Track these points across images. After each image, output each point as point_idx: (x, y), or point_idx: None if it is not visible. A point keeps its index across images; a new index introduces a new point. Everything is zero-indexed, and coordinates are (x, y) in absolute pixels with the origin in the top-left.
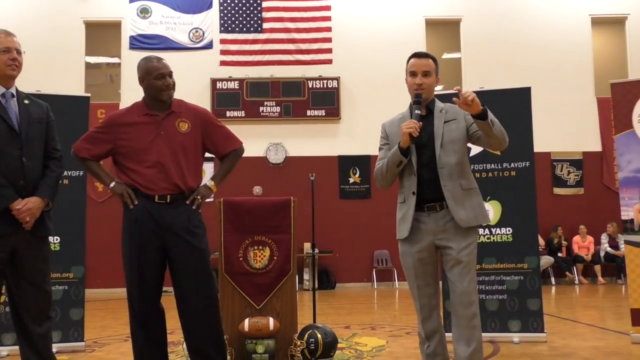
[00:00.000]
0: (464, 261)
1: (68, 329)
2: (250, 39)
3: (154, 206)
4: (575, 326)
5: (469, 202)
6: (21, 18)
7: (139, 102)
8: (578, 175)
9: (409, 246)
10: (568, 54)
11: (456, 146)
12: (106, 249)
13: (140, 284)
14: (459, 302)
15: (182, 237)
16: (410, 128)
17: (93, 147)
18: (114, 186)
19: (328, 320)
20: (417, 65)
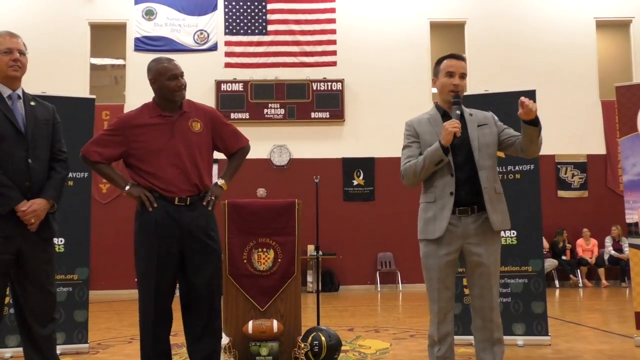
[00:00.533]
0: (493, 270)
1: (72, 331)
2: (255, 41)
3: (174, 208)
4: (579, 329)
5: (499, 206)
6: (26, 19)
7: (149, 103)
8: (582, 178)
9: (437, 248)
10: (573, 56)
11: (490, 150)
12: (110, 250)
13: (157, 287)
14: (488, 307)
15: (201, 240)
16: (455, 127)
17: (104, 149)
18: (130, 189)
19: (332, 323)
20: (456, 66)
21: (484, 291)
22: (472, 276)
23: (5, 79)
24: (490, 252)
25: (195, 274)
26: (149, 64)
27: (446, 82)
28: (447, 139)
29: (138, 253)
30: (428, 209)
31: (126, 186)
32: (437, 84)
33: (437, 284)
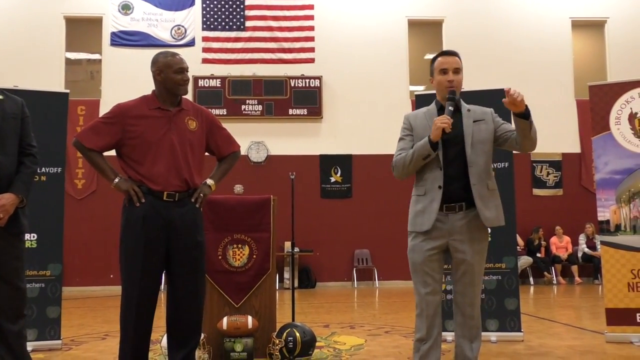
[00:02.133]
0: (477, 269)
1: (44, 327)
2: (233, 37)
3: (162, 204)
4: (551, 325)
5: (493, 202)
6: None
7: (148, 96)
8: (557, 177)
9: (423, 242)
10: (549, 56)
11: (485, 147)
12: (85, 247)
13: (141, 282)
14: (468, 304)
15: (188, 236)
16: (444, 123)
17: (99, 137)
18: (119, 182)
19: (307, 319)
20: (449, 62)
21: (466, 288)
22: (456, 273)
23: None
24: (475, 250)
25: (181, 270)
26: (155, 56)
27: (441, 79)
28: (436, 134)
29: (123, 247)
30: (418, 202)
31: (115, 179)
32: (434, 82)
33: (422, 277)
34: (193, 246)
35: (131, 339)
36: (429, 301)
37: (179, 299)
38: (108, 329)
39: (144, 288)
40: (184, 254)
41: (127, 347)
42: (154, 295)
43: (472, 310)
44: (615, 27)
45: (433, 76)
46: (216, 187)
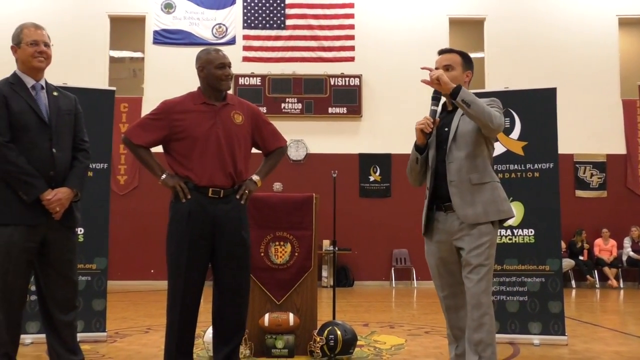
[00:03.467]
0: (473, 263)
1: (90, 320)
2: (273, 36)
3: (207, 200)
4: (596, 330)
5: (479, 197)
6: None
7: (194, 92)
8: (601, 178)
9: (430, 245)
10: (594, 54)
11: (467, 138)
12: (127, 242)
13: (186, 278)
14: (470, 304)
15: (233, 232)
16: (421, 124)
17: (147, 133)
18: (166, 178)
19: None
20: (438, 61)
21: (466, 286)
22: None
23: (30, 70)
24: (472, 247)
25: (225, 265)
26: (198, 53)
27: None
28: (418, 137)
29: (169, 242)
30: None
31: (162, 175)
32: None
33: (438, 280)
34: (237, 242)
35: (176, 332)
36: (448, 305)
37: (224, 295)
38: (150, 323)
39: (189, 283)
40: (228, 250)
41: (172, 340)
42: (198, 290)
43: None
44: None
45: None
46: (262, 183)
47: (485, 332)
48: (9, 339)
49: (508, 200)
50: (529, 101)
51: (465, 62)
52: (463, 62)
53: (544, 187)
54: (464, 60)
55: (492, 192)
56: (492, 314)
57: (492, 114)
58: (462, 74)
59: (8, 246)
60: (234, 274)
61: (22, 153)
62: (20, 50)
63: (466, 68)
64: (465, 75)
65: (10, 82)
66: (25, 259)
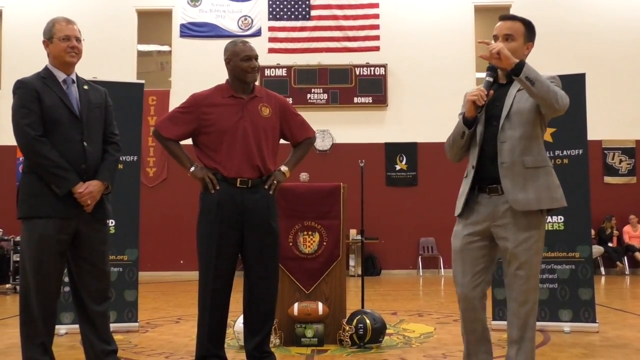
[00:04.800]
0: (522, 259)
1: (122, 310)
2: (298, 27)
3: (236, 190)
4: (627, 317)
5: (532, 182)
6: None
7: (222, 85)
8: (630, 164)
9: (462, 227)
10: (622, 39)
11: (523, 117)
12: (156, 233)
13: (216, 268)
14: (514, 299)
15: (262, 222)
16: (474, 95)
17: (176, 127)
18: (195, 170)
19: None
20: (499, 28)
21: (513, 281)
22: (504, 264)
23: (62, 65)
24: (520, 239)
25: (254, 255)
26: (226, 46)
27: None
28: (468, 109)
29: (199, 233)
30: (463, 184)
31: (191, 167)
32: None
33: (461, 266)
34: (266, 232)
35: (207, 321)
36: (465, 295)
37: (253, 285)
38: (181, 313)
39: (219, 272)
40: (257, 240)
41: (204, 329)
42: (229, 279)
43: (518, 309)
44: None
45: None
46: (290, 173)
47: (527, 331)
48: (45, 329)
49: (561, 188)
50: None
51: (529, 32)
52: (526, 32)
53: (573, 173)
54: (527, 30)
55: (546, 178)
56: (536, 312)
57: (558, 93)
58: (523, 45)
59: (42, 239)
60: (263, 264)
61: (55, 147)
62: (53, 45)
63: (528, 39)
64: (527, 47)
65: (42, 77)
66: (59, 251)
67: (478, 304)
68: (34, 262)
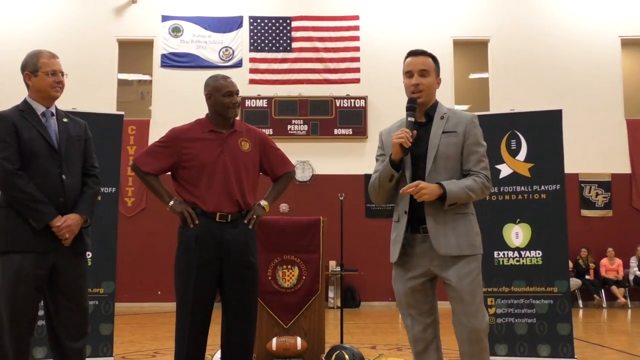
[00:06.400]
0: (468, 293)
1: (97, 344)
2: (279, 58)
3: (215, 225)
4: (605, 352)
5: (457, 228)
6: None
7: (202, 119)
8: (606, 197)
9: (401, 272)
10: (597, 75)
11: (450, 163)
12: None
13: (194, 303)
14: (467, 339)
15: (241, 257)
16: (400, 138)
17: (155, 161)
18: (174, 204)
19: (353, 340)
20: (413, 63)
21: (459, 319)
22: (451, 303)
23: (44, 99)
24: (460, 276)
25: (233, 290)
26: (206, 80)
27: (406, 83)
28: (395, 152)
29: (177, 268)
30: (394, 230)
31: (170, 201)
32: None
33: (407, 310)
34: (245, 267)
35: (185, 357)
36: (416, 337)
37: (231, 320)
38: (158, 346)
39: (197, 307)
40: (236, 275)
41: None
42: (207, 314)
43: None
44: None
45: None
46: (270, 208)
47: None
48: None
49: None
50: (534, 123)
51: (437, 67)
52: (436, 67)
53: (551, 208)
54: (436, 65)
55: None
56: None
57: (482, 186)
58: (435, 80)
59: (18, 274)
60: (241, 299)
61: (32, 180)
62: (38, 78)
63: (437, 74)
64: (437, 81)
65: (20, 110)
66: (35, 286)
67: (431, 346)
68: (9, 298)
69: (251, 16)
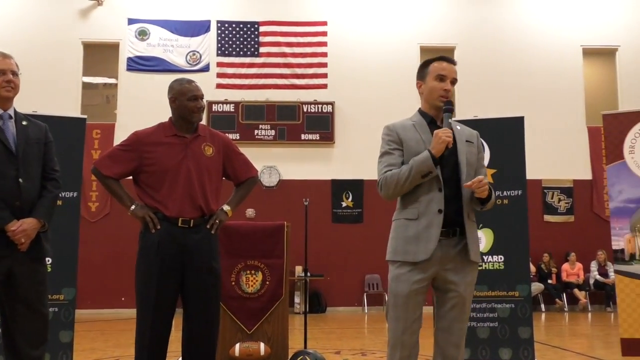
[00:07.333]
0: (467, 300)
1: (57, 352)
2: (247, 63)
3: (177, 230)
4: (565, 355)
5: (475, 233)
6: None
7: (165, 123)
8: (568, 203)
9: (411, 272)
10: (560, 83)
11: (470, 170)
12: (97, 269)
13: (155, 308)
14: (454, 345)
15: (203, 263)
16: (449, 137)
17: (117, 165)
18: (135, 209)
19: (318, 345)
20: (449, 70)
21: (453, 325)
22: (443, 307)
23: None
24: (467, 283)
25: (195, 296)
26: (171, 84)
27: (436, 86)
28: (439, 149)
29: (139, 273)
30: (409, 227)
31: (132, 206)
32: (423, 87)
33: (404, 313)
34: (208, 272)
35: None
36: (406, 343)
37: (193, 326)
38: (119, 354)
39: (158, 314)
40: (198, 281)
41: None
42: (168, 321)
43: (457, 353)
44: (626, 55)
45: (423, 80)
46: (233, 213)
47: None
48: None
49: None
50: (497, 130)
51: None
52: None
53: (513, 214)
54: None
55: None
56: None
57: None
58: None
59: None
60: (203, 305)
61: None
62: None
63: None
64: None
65: None
66: None
67: (413, 352)
68: None
69: (219, 20)
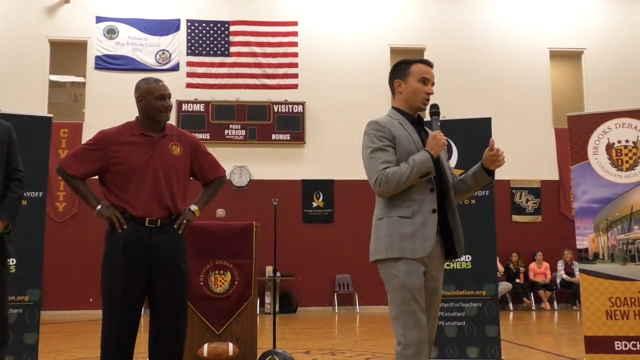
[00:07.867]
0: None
1: (21, 354)
2: (217, 62)
3: (144, 230)
4: (531, 353)
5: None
6: None
7: (131, 122)
8: (536, 203)
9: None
10: (527, 84)
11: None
12: (64, 270)
13: (121, 310)
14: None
15: (170, 263)
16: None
17: (82, 164)
18: (101, 209)
19: (288, 345)
20: (431, 73)
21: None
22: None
23: None
24: (442, 281)
25: (162, 297)
26: (138, 83)
27: (420, 88)
28: (437, 151)
29: (104, 274)
30: (404, 224)
31: (97, 206)
32: (403, 87)
33: (418, 306)
34: (175, 273)
35: None
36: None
37: (160, 327)
38: (86, 355)
39: (125, 314)
40: (165, 281)
41: None
42: (134, 322)
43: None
44: (591, 58)
45: (404, 80)
46: (200, 212)
47: None
48: None
49: None
50: (465, 130)
51: None
52: None
53: (480, 214)
54: None
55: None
56: None
57: None
58: None
59: None
60: (171, 306)
61: None
62: None
63: None
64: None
65: None
66: None
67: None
68: None
69: (189, 19)
